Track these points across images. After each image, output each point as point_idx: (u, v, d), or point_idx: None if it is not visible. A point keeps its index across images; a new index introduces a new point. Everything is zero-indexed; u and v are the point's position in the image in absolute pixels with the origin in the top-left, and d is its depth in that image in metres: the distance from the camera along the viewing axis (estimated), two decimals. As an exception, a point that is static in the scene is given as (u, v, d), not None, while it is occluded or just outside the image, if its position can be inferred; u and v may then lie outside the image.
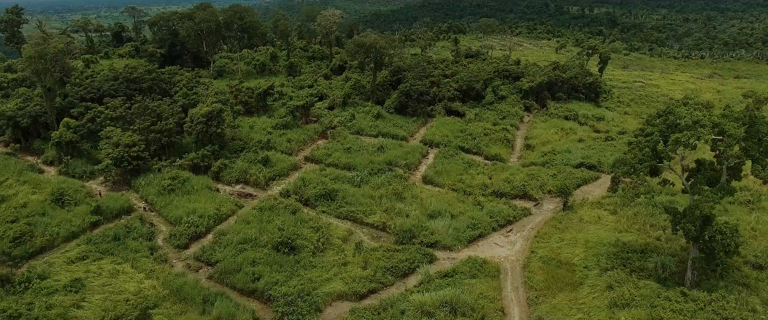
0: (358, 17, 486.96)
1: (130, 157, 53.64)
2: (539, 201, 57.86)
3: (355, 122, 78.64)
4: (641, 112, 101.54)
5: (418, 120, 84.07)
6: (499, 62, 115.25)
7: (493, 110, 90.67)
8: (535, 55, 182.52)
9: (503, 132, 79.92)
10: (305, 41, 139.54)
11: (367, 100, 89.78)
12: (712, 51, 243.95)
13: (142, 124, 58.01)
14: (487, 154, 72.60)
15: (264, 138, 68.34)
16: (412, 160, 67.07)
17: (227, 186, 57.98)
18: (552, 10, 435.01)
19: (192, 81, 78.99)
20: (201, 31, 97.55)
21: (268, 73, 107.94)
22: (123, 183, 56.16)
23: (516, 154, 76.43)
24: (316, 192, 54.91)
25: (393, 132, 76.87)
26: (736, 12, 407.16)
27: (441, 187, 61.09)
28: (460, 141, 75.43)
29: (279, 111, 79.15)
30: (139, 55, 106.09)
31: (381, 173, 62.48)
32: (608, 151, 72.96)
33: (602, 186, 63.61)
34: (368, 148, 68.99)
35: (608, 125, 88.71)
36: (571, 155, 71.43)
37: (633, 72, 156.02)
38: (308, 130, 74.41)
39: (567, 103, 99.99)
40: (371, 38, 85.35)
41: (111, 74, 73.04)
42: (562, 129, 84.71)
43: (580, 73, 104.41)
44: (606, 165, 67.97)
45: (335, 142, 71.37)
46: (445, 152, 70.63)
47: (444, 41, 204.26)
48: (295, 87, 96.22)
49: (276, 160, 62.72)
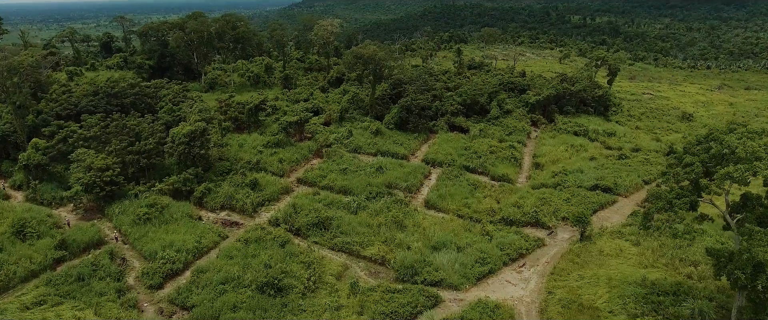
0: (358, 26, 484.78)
1: (103, 182, 48.62)
2: (553, 230, 52.81)
3: (353, 139, 73.76)
4: (653, 127, 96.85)
5: (419, 136, 79.21)
6: (504, 74, 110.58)
7: (498, 125, 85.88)
8: (539, 65, 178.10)
9: (510, 149, 75.02)
10: (302, 52, 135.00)
11: (365, 114, 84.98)
12: (719, 61, 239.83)
13: (118, 145, 53.08)
14: (493, 174, 67.66)
15: (254, 158, 63.37)
16: (413, 182, 62.11)
17: (211, 213, 52.93)
18: (553, 19, 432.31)
19: (179, 95, 74.03)
20: (191, 42, 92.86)
21: (262, 86, 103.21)
22: (96, 210, 51.12)
23: (524, 174, 71.49)
24: (308, 220, 49.91)
25: (393, 150, 71.98)
26: (740, 21, 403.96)
27: (445, 213, 56.09)
28: (465, 159, 70.54)
29: (272, 127, 74.30)
30: (127, 67, 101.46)
31: (380, 197, 57.52)
32: (623, 171, 68.09)
33: (620, 212, 58.75)
34: (366, 169, 64.04)
35: (620, 141, 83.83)
36: (583, 176, 66.49)
37: (640, 83, 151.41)
38: (302, 148, 69.46)
39: (575, 117, 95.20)
40: (370, 49, 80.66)
41: (90, 89, 68.09)
42: (572, 145, 79.88)
43: (588, 85, 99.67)
44: (622, 188, 63.23)
45: (331, 161, 66.44)
46: (449, 172, 65.68)
47: (445, 51, 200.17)
48: (289, 100, 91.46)
49: (265, 182, 57.71)
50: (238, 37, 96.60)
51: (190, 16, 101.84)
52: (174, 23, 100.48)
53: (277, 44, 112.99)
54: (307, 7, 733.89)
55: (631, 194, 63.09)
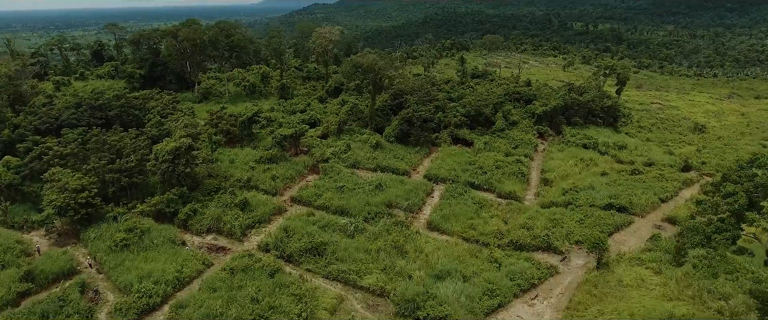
0: (359, 33, 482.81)
1: (78, 204, 44.70)
2: (566, 255, 48.77)
3: (351, 153, 69.90)
4: (665, 139, 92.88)
5: (421, 150, 75.30)
6: (509, 83, 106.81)
7: (504, 138, 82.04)
8: (543, 73, 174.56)
9: (517, 164, 71.11)
10: (300, 60, 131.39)
11: (365, 126, 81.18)
12: (725, 69, 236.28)
13: (97, 163, 49.22)
14: (500, 191, 63.72)
15: (245, 175, 59.47)
16: (414, 201, 58.15)
17: (196, 237, 48.96)
18: (555, 26, 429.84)
19: (167, 107, 70.17)
20: (184, 50, 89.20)
21: (258, 95, 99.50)
22: (71, 234, 47.17)
23: (532, 190, 67.54)
24: (301, 245, 45.94)
25: (393, 165, 68.08)
26: (744, 28, 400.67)
27: (449, 236, 52.12)
28: (470, 175, 66.59)
29: (266, 140, 70.53)
30: (118, 76, 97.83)
31: (379, 218, 53.66)
32: (638, 188, 64.04)
33: (637, 234, 54.65)
34: (365, 186, 60.08)
35: (632, 155, 79.89)
36: (596, 193, 62.49)
37: (648, 92, 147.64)
38: (297, 163, 65.55)
39: (584, 128, 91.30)
40: (369, 58, 76.95)
41: (73, 101, 64.30)
42: (581, 160, 75.96)
43: (597, 95, 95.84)
44: (638, 207, 59.14)
45: (327, 178, 62.52)
46: (453, 190, 61.71)
47: (447, 58, 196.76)
48: (286, 111, 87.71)
49: (257, 202, 53.76)
50: (233, 46, 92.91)
51: (184, 23, 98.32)
52: (166, 31, 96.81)
53: (274, 52, 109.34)
54: (309, 14, 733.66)
55: (647, 214, 59.01)
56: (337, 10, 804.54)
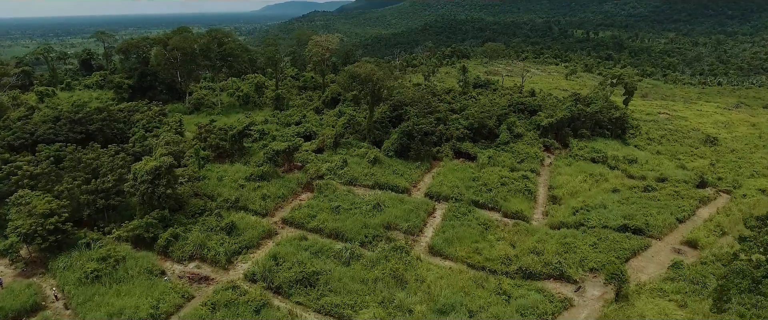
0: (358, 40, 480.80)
1: (46, 230, 40.75)
2: (581, 285, 44.79)
3: (348, 169, 65.99)
4: (675, 151, 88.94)
5: (422, 165, 71.38)
6: (513, 93, 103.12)
7: (508, 151, 78.17)
8: (545, 81, 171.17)
9: (523, 180, 67.29)
10: (296, 69, 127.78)
11: (362, 139, 77.34)
12: (729, 77, 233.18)
13: (71, 183, 45.29)
14: (506, 210, 59.78)
15: (233, 194, 55.49)
16: (415, 222, 54.19)
17: (177, 265, 44.92)
18: (556, 34, 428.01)
19: (154, 120, 66.20)
20: (174, 59, 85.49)
21: (252, 106, 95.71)
22: (39, 263, 43.13)
23: (540, 209, 63.59)
24: (291, 275, 41.95)
25: (392, 182, 64.18)
26: (746, 36, 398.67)
27: (453, 261, 48.20)
28: (473, 193, 62.71)
29: (258, 155, 66.57)
30: (107, 86, 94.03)
31: (377, 241, 49.81)
32: (653, 207, 60.17)
33: (656, 259, 50.67)
34: (362, 206, 56.11)
35: (643, 169, 76.05)
36: (608, 212, 58.63)
37: (654, 101, 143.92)
38: (290, 181, 61.61)
39: (591, 140, 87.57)
40: (367, 68, 73.20)
41: (51, 114, 60.43)
42: (590, 175, 72.10)
43: (604, 106, 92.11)
44: (655, 229, 55.18)
45: (322, 197, 58.55)
46: (456, 209, 57.74)
47: (447, 67, 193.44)
48: (280, 123, 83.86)
49: (245, 225, 49.78)
50: (225, 54, 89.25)
51: (175, 31, 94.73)
52: (156, 39, 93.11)
53: (270, 61, 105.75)
54: (308, 21, 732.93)
55: (664, 236, 55.10)
56: (336, 17, 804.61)
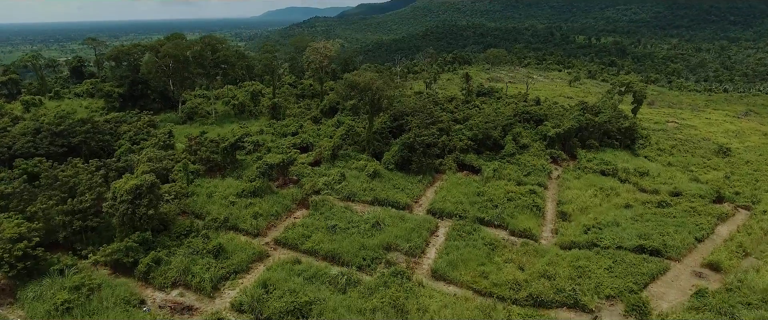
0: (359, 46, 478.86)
1: (15, 257, 37.33)
2: (597, 315, 41.21)
3: (346, 184, 62.55)
4: (688, 163, 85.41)
5: (424, 178, 67.96)
6: (518, 102, 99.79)
7: (514, 163, 74.84)
8: (549, 88, 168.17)
9: (531, 195, 63.88)
10: (294, 76, 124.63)
11: (361, 151, 73.98)
12: (735, 83, 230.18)
13: (44, 204, 41.94)
14: (513, 228, 56.27)
15: (223, 212, 52.02)
16: (417, 242, 50.69)
17: (159, 293, 41.37)
18: (558, 40, 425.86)
19: (142, 131, 62.85)
20: (166, 67, 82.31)
21: (247, 115, 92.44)
22: (8, 292, 39.60)
23: (548, 226, 60.05)
24: (282, 305, 38.37)
25: (393, 197, 60.73)
26: (749, 41, 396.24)
27: (457, 286, 44.70)
28: (479, 209, 59.28)
29: (251, 168, 63.14)
30: (98, 95, 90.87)
31: (376, 264, 46.39)
32: (669, 225, 56.62)
33: (677, 285, 47.02)
34: (360, 225, 52.65)
35: (655, 182, 72.65)
36: (622, 231, 55.13)
37: (661, 109, 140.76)
38: (284, 197, 58.12)
39: (599, 151, 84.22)
40: (366, 77, 69.91)
41: (31, 126, 57.13)
42: (601, 189, 68.62)
43: (613, 115, 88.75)
44: (673, 250, 51.54)
45: (318, 214, 55.09)
46: (460, 227, 54.27)
47: (449, 73, 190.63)
48: (276, 134, 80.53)
49: (234, 247, 46.29)
50: (219, 62, 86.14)
51: (168, 38, 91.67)
52: (147, 46, 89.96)
53: (267, 68, 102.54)
54: (309, 27, 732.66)
55: (683, 257, 51.49)
56: (337, 23, 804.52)
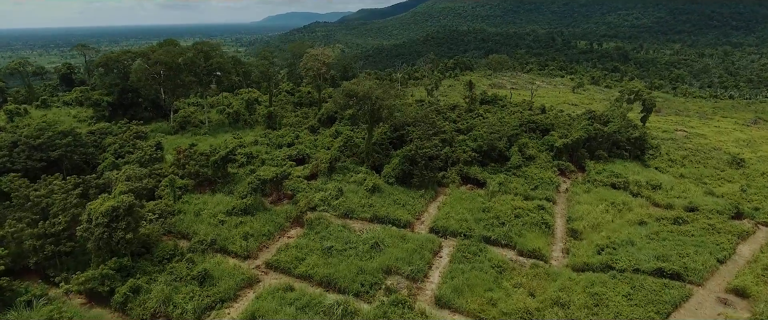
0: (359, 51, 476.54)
1: (-24, 288, 33.88)
2: (618, 350, 37.69)
3: (344, 200, 59.02)
4: (701, 175, 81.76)
5: (426, 193, 64.41)
6: (523, 110, 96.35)
7: (521, 176, 71.38)
8: (552, 95, 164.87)
9: (539, 211, 60.41)
10: (292, 84, 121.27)
11: (360, 163, 70.51)
12: (740, 89, 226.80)
13: (14, 226, 38.43)
14: (521, 247, 52.75)
15: (211, 232, 48.46)
16: (419, 265, 47.16)
17: (137, 326, 37.81)
18: (559, 45, 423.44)
19: (128, 144, 59.27)
20: (157, 74, 78.88)
21: (242, 125, 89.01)
22: (-30, 325, 36.20)
23: (558, 245, 56.47)
24: (271, 341, 34.88)
25: (393, 214, 57.18)
26: (752, 47, 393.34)
27: (463, 315, 41.20)
28: (484, 227, 55.77)
29: (244, 182, 59.59)
30: (86, 103, 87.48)
31: (375, 290, 42.88)
32: (688, 245, 53.02)
33: (701, 314, 43.34)
34: (358, 246, 49.13)
35: (669, 196, 69.11)
36: (638, 251, 51.55)
37: (668, 117, 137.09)
38: (278, 214, 54.58)
39: (608, 162, 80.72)
40: (365, 86, 66.48)
41: (9, 139, 53.57)
42: (612, 203, 65.11)
43: (623, 125, 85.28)
44: (695, 273, 47.89)
45: (313, 233, 51.57)
46: (466, 248, 50.76)
47: (450, 79, 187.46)
48: (271, 145, 77.05)
49: (221, 273, 42.73)
50: (212, 69, 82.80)
51: (161, 44, 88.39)
52: (138, 53, 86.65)
53: (263, 76, 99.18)
54: (309, 32, 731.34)
55: (706, 281, 47.90)
56: (337, 28, 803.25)
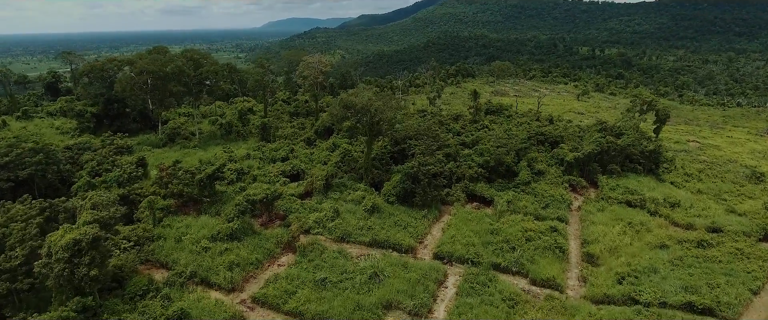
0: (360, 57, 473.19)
1: None
2: None
3: (340, 222, 54.34)
4: (719, 190, 76.93)
5: (429, 213, 59.68)
6: (530, 121, 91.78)
7: (530, 193, 66.74)
8: (557, 103, 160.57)
9: (552, 234, 55.75)
10: (288, 93, 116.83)
11: (359, 179, 65.92)
12: (747, 97, 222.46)
13: (-36, 262, 33.90)
14: (534, 276, 48.08)
15: (192, 261, 43.76)
16: (422, 299, 42.46)
17: (101, 377, 33.15)
18: (561, 51, 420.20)
19: (107, 160, 54.52)
20: (144, 83, 74.40)
21: (235, 136, 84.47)
22: None
23: (574, 271, 51.79)
24: None
25: (394, 238, 52.51)
26: (756, 53, 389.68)
27: (473, 359, 36.43)
28: (493, 252, 51.14)
29: (232, 203, 54.85)
30: (70, 114, 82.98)
31: (373, 329, 38.22)
32: (718, 274, 48.28)
33: (739, 356, 39.04)
34: (355, 277, 44.41)
35: (688, 215, 64.51)
36: (663, 281, 46.93)
37: (677, 126, 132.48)
38: (268, 239, 49.90)
39: (621, 177, 76.07)
40: (364, 98, 61.97)
41: (-27, 157, 49.15)
42: (629, 224, 60.51)
43: (637, 137, 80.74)
44: (728, 308, 43.15)
45: (306, 261, 46.90)
46: (474, 277, 46.09)
47: (452, 86, 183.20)
48: (264, 159, 72.51)
49: (200, 311, 38.02)
50: (202, 78, 78.25)
51: (150, 51, 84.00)
52: (123, 60, 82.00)
53: (258, 84, 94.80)
54: (310, 38, 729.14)
55: (740, 316, 43.23)
56: (338, 34, 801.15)
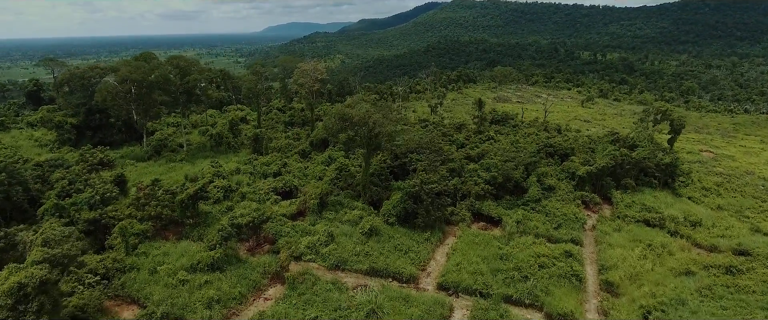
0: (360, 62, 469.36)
1: None
2: None
3: (335, 247, 49.48)
4: (741, 206, 72.06)
5: (432, 235, 54.77)
6: (538, 132, 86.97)
7: (541, 211, 61.97)
8: (561, 110, 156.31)
9: (567, 259, 50.79)
10: (284, 101, 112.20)
11: (356, 197, 61.13)
12: (755, 104, 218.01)
13: None
14: (550, 309, 43.12)
15: (167, 297, 38.85)
16: (427, 341, 37.53)
17: None
18: (562, 55, 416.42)
19: (79, 179, 49.58)
20: (126, 93, 69.61)
21: (225, 148, 79.68)
22: None
23: (592, 302, 46.88)
24: None
25: (394, 266, 47.65)
26: (759, 57, 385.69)
27: None
28: (503, 282, 46.29)
29: (216, 225, 49.96)
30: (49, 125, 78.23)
31: (371, 380, 33.27)
32: (753, 307, 43.39)
33: None
34: (350, 315, 39.51)
35: (711, 235, 59.79)
36: (692, 314, 42.24)
37: (688, 134, 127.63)
38: (254, 268, 45.00)
39: (636, 192, 71.37)
40: (361, 110, 57.16)
41: (-72, 178, 44.15)
42: (649, 246, 55.70)
43: (652, 150, 76.00)
44: (770, 350, 38.64)
45: (296, 295, 42.00)
46: (483, 313, 41.26)
47: (453, 91, 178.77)
48: (255, 173, 67.72)
49: (171, 360, 33.13)
50: (189, 87, 73.48)
51: (137, 58, 79.31)
52: (106, 68, 77.26)
53: (251, 92, 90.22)
54: (310, 43, 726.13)
55: (784, 360, 38.50)
56: (338, 38, 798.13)
